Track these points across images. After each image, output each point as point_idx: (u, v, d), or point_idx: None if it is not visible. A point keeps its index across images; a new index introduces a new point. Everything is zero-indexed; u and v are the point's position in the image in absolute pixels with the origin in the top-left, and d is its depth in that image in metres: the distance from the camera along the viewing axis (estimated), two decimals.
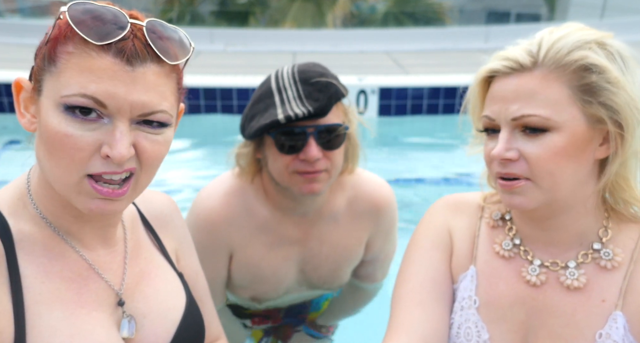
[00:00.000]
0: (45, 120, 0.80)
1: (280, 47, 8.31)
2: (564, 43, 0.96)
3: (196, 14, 12.31)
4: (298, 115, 1.34)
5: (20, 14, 11.72)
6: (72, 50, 0.79)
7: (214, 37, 8.95)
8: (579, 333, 1.03)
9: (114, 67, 0.78)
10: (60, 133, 0.78)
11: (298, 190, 1.44)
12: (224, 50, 8.50)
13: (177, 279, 1.09)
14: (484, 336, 1.09)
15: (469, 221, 1.19)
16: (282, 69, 1.46)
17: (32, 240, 0.88)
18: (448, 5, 12.40)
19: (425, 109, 5.08)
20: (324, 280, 1.74)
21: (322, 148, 1.40)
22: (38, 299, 0.86)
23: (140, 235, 1.07)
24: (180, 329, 1.02)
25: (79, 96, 0.78)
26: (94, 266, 0.94)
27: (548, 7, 11.97)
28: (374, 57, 7.77)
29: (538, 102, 0.95)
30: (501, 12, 13.10)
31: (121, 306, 0.96)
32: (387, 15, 12.08)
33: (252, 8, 12.20)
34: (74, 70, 0.78)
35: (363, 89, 5.06)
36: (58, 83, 0.79)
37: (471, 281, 1.13)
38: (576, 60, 0.94)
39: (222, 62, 7.34)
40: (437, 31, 9.73)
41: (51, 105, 0.80)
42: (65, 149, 0.79)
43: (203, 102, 5.01)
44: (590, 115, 0.95)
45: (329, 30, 10.91)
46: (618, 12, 9.88)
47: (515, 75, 0.97)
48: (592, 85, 0.94)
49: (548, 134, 0.95)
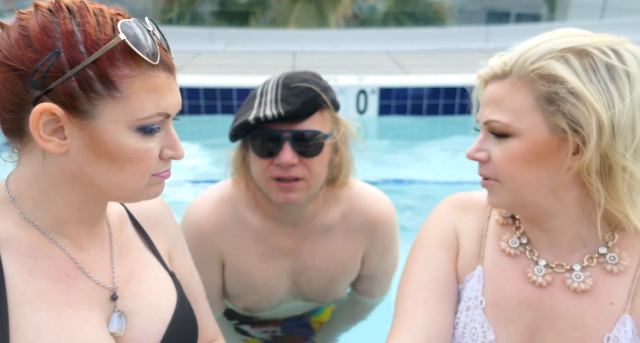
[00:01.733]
0: (115, 141, 0.83)
1: (280, 47, 8.31)
2: (534, 52, 0.97)
3: (196, 14, 12.32)
4: (267, 117, 1.34)
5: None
6: (131, 74, 0.81)
7: (214, 37, 8.95)
8: (587, 336, 1.02)
9: (166, 80, 0.86)
10: (141, 150, 0.85)
11: (275, 198, 1.44)
12: (224, 50, 8.51)
13: (169, 278, 1.09)
14: (490, 337, 1.08)
15: (476, 220, 1.19)
16: (272, 77, 1.46)
17: (17, 240, 0.88)
18: (448, 5, 12.42)
19: (425, 109, 5.09)
20: (317, 294, 1.72)
21: (298, 154, 1.38)
22: (22, 299, 0.85)
23: (129, 234, 1.08)
24: (172, 327, 1.02)
25: (155, 116, 0.84)
26: (82, 265, 0.94)
27: (548, 7, 11.97)
28: (374, 57, 7.78)
29: (502, 108, 0.99)
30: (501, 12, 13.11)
31: (114, 300, 0.97)
32: (387, 15, 12.10)
33: (253, 8, 12.22)
34: (141, 93, 0.82)
35: (363, 89, 5.07)
36: (128, 107, 0.82)
37: (478, 281, 1.12)
38: (535, 70, 0.96)
39: (222, 62, 7.34)
40: (437, 31, 9.74)
41: (122, 128, 0.83)
42: (144, 161, 0.86)
43: (203, 102, 5.01)
44: (552, 124, 0.96)
45: (329, 30, 10.92)
46: (618, 12, 9.88)
47: (492, 82, 1.02)
48: (553, 95, 0.95)
49: (509, 139, 0.99)
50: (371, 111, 5.10)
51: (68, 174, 0.86)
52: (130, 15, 0.87)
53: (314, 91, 1.39)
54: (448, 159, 4.31)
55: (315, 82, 1.42)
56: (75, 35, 0.79)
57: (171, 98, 0.86)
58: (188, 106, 4.98)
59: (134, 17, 0.86)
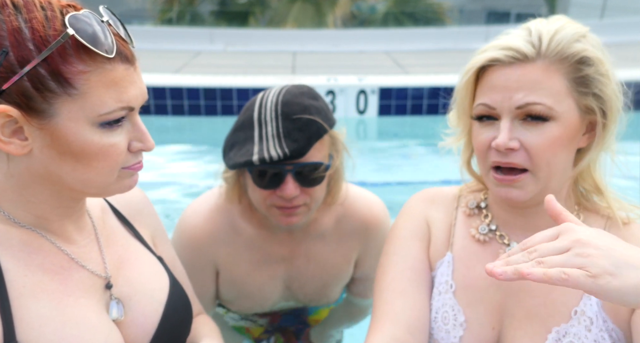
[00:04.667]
0: (77, 139, 0.81)
1: (280, 47, 8.31)
2: (564, 35, 0.98)
3: (196, 14, 12.31)
4: (273, 158, 1.30)
5: None
6: (86, 69, 0.78)
7: (214, 37, 8.95)
8: (555, 311, 1.05)
9: (126, 73, 0.82)
10: (106, 145, 0.83)
11: (277, 221, 1.43)
12: (224, 50, 8.50)
13: (157, 262, 1.10)
14: (460, 318, 1.10)
15: (445, 211, 1.22)
16: (268, 96, 1.39)
17: (8, 236, 0.88)
18: (448, 5, 12.41)
19: (425, 109, 5.08)
20: (311, 298, 1.72)
21: (300, 185, 1.36)
22: (22, 292, 0.86)
23: (112, 224, 1.08)
24: (168, 307, 1.04)
25: (118, 110, 0.82)
26: (74, 257, 0.94)
27: (548, 7, 11.97)
28: (374, 57, 7.78)
29: (542, 91, 0.97)
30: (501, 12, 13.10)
31: (109, 288, 0.97)
32: (387, 15, 12.08)
33: (252, 8, 12.21)
34: (99, 88, 0.79)
35: (363, 89, 5.07)
36: (87, 103, 0.79)
37: (447, 266, 1.15)
38: (576, 53, 0.97)
39: (222, 62, 7.34)
40: (437, 31, 9.73)
41: (83, 125, 0.80)
42: (110, 156, 0.84)
43: (203, 102, 5.01)
44: (582, 106, 0.99)
45: (329, 30, 10.92)
46: (618, 12, 9.88)
47: (518, 65, 0.98)
48: (588, 78, 0.98)
49: (548, 124, 0.98)
50: (371, 111, 5.10)
51: (35, 174, 0.85)
52: (83, 6, 0.82)
53: (317, 123, 1.34)
54: (449, 159, 4.30)
55: (315, 109, 1.36)
56: (23, 33, 0.75)
57: (133, 90, 0.83)
58: (188, 106, 4.98)
59: (86, 9, 0.82)
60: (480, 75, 1.04)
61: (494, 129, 1.01)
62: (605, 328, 1.01)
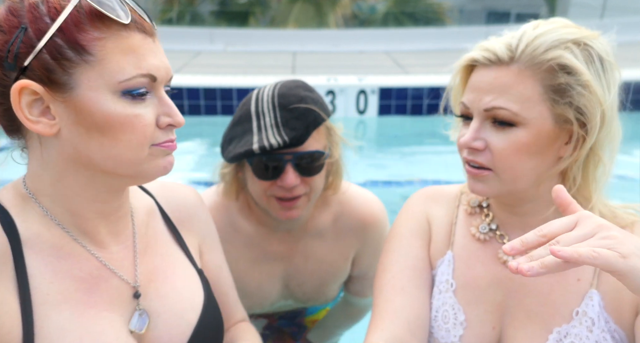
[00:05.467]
0: (100, 109, 0.80)
1: (280, 47, 8.32)
2: (543, 41, 0.97)
3: (196, 14, 12.31)
4: (273, 145, 1.32)
5: None
6: (101, 36, 0.78)
7: (214, 37, 8.95)
8: (556, 311, 1.05)
9: (144, 41, 0.82)
10: (130, 116, 0.81)
11: (276, 215, 1.43)
12: (224, 50, 8.51)
13: (196, 276, 1.06)
14: (460, 318, 1.10)
15: (446, 209, 1.21)
16: (264, 90, 1.42)
17: (40, 239, 0.87)
18: (448, 5, 12.41)
19: (425, 109, 5.08)
20: (309, 297, 1.73)
21: (300, 174, 1.38)
22: (46, 299, 0.85)
23: (157, 229, 1.06)
24: (197, 331, 0.99)
25: (138, 77, 0.80)
26: (107, 264, 0.93)
27: (548, 7, 11.97)
28: (374, 57, 7.78)
29: (510, 96, 0.97)
30: (501, 12, 13.11)
31: (137, 298, 0.95)
32: (387, 15, 12.09)
33: (253, 8, 12.21)
34: (116, 54, 0.79)
35: (363, 89, 5.07)
36: (106, 70, 0.79)
37: (448, 265, 1.15)
38: (550, 59, 0.96)
39: (222, 62, 7.35)
40: (437, 31, 9.74)
41: (104, 94, 0.80)
42: (136, 128, 0.82)
43: (203, 102, 5.01)
44: (557, 114, 0.97)
45: (329, 31, 10.92)
46: (618, 12, 9.89)
47: (493, 67, 0.99)
48: (563, 86, 0.96)
49: (514, 129, 0.98)
50: (371, 111, 5.10)
51: (67, 159, 0.84)
52: None
53: (314, 112, 1.36)
54: (448, 159, 4.30)
55: (311, 99, 1.39)
56: (39, 8, 0.78)
57: (152, 59, 0.82)
58: (188, 106, 4.98)
59: None
60: (470, 74, 1.06)
61: (468, 128, 1.03)
62: (608, 329, 1.01)
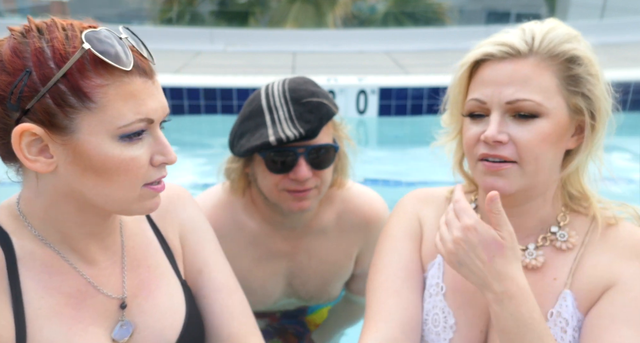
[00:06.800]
0: (98, 153, 0.82)
1: (280, 47, 8.32)
2: (556, 34, 1.00)
3: (196, 14, 12.31)
4: (289, 137, 1.33)
5: (20, 13, 11.73)
6: (104, 83, 0.80)
7: (214, 37, 8.95)
8: None
9: (144, 85, 0.84)
10: (127, 159, 0.84)
11: (287, 207, 1.45)
12: (224, 50, 8.51)
13: (180, 290, 1.08)
14: (450, 321, 1.11)
15: (437, 211, 1.22)
16: (272, 86, 1.44)
17: (33, 257, 0.91)
18: (448, 5, 12.42)
19: (425, 109, 5.08)
20: (312, 295, 1.74)
21: (311, 167, 1.40)
22: (38, 314, 0.89)
23: (145, 238, 1.08)
24: None
25: (136, 122, 0.83)
26: (92, 281, 0.96)
27: (548, 7, 11.98)
28: (374, 57, 7.78)
29: (532, 87, 0.98)
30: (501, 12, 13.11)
31: (123, 308, 0.99)
32: (387, 15, 12.10)
33: (252, 8, 12.21)
34: (117, 101, 0.81)
35: (363, 89, 5.07)
36: (106, 116, 0.81)
37: (438, 269, 1.16)
38: (566, 52, 0.99)
39: (222, 62, 7.34)
40: (437, 31, 9.74)
41: (103, 139, 0.82)
42: (131, 170, 0.85)
43: (203, 102, 5.01)
44: (571, 105, 1.01)
45: (329, 31, 10.92)
46: (618, 12, 9.88)
47: (510, 60, 1.00)
48: (577, 77, 1.00)
49: (537, 120, 0.99)
50: (371, 111, 5.10)
51: (60, 192, 0.88)
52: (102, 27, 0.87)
53: (326, 105, 1.39)
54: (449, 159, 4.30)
55: (322, 94, 1.42)
56: (45, 53, 0.79)
57: (151, 103, 0.84)
58: (188, 106, 4.98)
59: (106, 27, 0.86)
60: (473, 72, 1.06)
61: (484, 124, 1.03)
62: (579, 327, 1.03)
